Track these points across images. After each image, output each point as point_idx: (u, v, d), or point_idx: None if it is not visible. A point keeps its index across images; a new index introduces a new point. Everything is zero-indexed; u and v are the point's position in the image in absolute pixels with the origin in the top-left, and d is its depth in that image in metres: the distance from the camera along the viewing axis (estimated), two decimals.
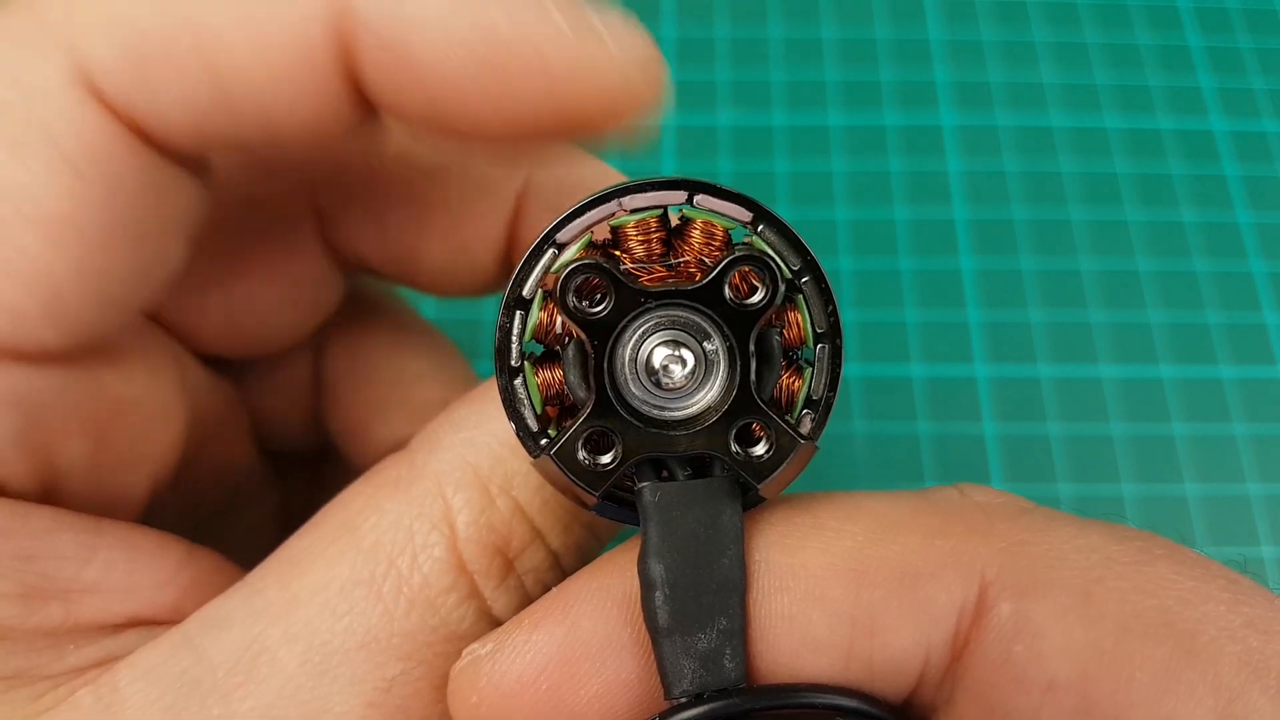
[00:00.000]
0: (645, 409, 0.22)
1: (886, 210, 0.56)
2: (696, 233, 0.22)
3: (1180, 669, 0.20)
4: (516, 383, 0.22)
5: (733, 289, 0.22)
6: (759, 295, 0.22)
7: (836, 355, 0.22)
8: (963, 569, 0.21)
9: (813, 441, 0.22)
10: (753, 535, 0.22)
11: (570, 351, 0.22)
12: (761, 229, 0.22)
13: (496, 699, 0.21)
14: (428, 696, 0.24)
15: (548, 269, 0.22)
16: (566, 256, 0.22)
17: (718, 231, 0.22)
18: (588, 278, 0.21)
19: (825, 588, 0.21)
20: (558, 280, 0.21)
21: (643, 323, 0.22)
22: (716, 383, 0.22)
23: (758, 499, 0.22)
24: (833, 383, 0.22)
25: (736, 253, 0.22)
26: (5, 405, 0.23)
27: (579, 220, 0.22)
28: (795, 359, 0.23)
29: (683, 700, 0.21)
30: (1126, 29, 0.61)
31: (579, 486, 0.22)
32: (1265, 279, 0.54)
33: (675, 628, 0.21)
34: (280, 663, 0.23)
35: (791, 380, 0.23)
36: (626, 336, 0.22)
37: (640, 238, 0.22)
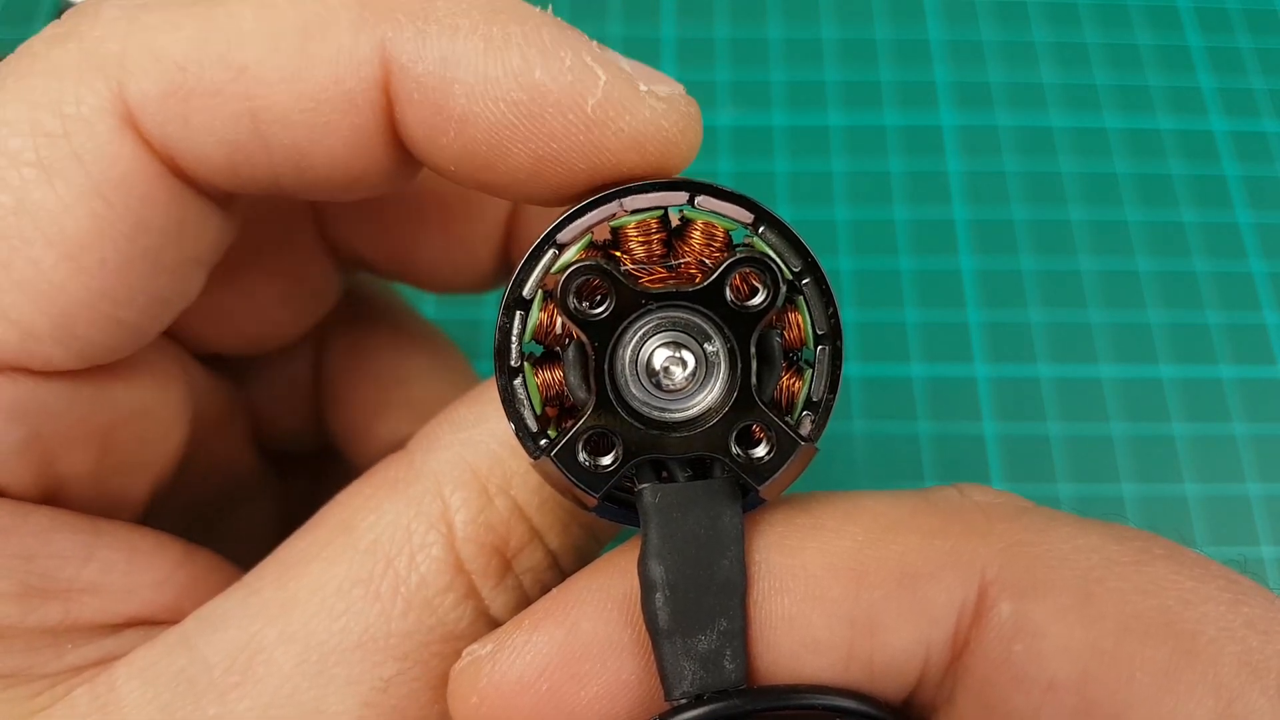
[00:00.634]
0: (646, 410, 0.22)
1: (886, 210, 0.55)
2: (697, 234, 0.22)
3: (1180, 669, 0.20)
4: (516, 383, 0.22)
5: (733, 290, 0.22)
6: (760, 297, 0.22)
7: (837, 357, 0.22)
8: (962, 569, 0.21)
9: (813, 443, 0.22)
10: (753, 536, 0.22)
11: (570, 352, 0.22)
12: (762, 230, 0.22)
13: (497, 699, 0.21)
14: (424, 696, 0.24)
15: (548, 270, 0.22)
16: (567, 257, 0.22)
17: (718, 233, 0.22)
18: (588, 279, 0.21)
19: (825, 588, 0.21)
20: (558, 281, 0.21)
21: (643, 324, 0.22)
22: (717, 384, 0.22)
23: (758, 500, 0.22)
24: (833, 384, 0.22)
25: (737, 254, 0.22)
26: (10, 416, 0.24)
27: (580, 221, 0.22)
28: (796, 360, 0.23)
29: (683, 701, 0.21)
30: (1126, 29, 0.61)
31: (579, 488, 0.22)
32: (1265, 279, 0.54)
33: (675, 629, 0.21)
34: (276, 663, 0.23)
35: (792, 381, 0.23)
36: (627, 338, 0.22)
37: (641, 239, 0.22)
